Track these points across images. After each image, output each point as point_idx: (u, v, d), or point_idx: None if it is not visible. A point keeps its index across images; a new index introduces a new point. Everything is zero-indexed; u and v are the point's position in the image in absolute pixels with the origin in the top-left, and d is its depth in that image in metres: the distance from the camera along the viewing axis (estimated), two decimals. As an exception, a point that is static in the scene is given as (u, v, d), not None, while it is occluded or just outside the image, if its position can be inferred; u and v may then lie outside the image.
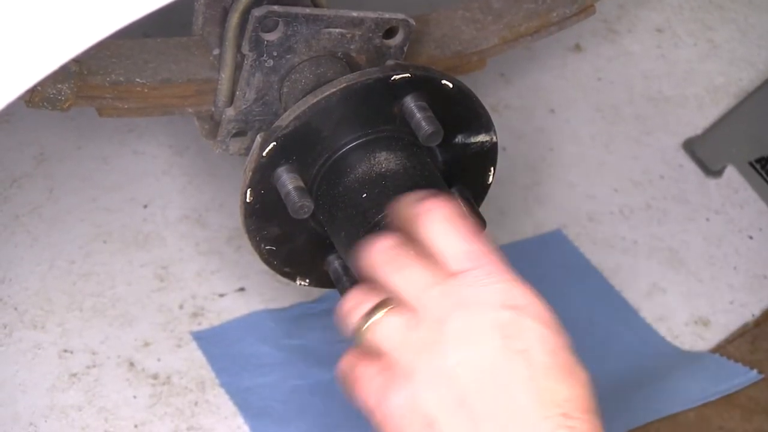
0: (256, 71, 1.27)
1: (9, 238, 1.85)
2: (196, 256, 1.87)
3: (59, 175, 1.92)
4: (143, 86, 1.31)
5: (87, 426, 1.68)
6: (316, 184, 1.23)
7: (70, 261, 1.84)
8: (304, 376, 1.76)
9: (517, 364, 0.92)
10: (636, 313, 1.85)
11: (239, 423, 1.71)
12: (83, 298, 1.80)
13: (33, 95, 1.25)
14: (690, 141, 2.10)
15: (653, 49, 2.24)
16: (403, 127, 1.23)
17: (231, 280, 1.84)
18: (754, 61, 2.22)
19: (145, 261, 1.85)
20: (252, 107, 1.30)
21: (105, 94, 1.30)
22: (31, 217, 1.88)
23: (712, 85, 2.19)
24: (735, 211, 2.02)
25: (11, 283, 1.81)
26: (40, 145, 1.95)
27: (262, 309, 1.82)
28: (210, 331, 1.79)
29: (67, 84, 1.25)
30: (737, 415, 1.72)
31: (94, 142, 1.96)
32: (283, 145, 1.21)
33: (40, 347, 1.75)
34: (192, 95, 1.34)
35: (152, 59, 1.33)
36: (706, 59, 2.23)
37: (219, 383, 1.74)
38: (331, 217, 1.22)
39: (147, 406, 1.71)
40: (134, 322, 1.79)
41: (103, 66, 1.30)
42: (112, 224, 1.88)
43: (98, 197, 1.91)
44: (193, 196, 1.93)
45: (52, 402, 1.70)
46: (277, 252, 1.28)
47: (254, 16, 1.23)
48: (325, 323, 1.82)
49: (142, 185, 1.93)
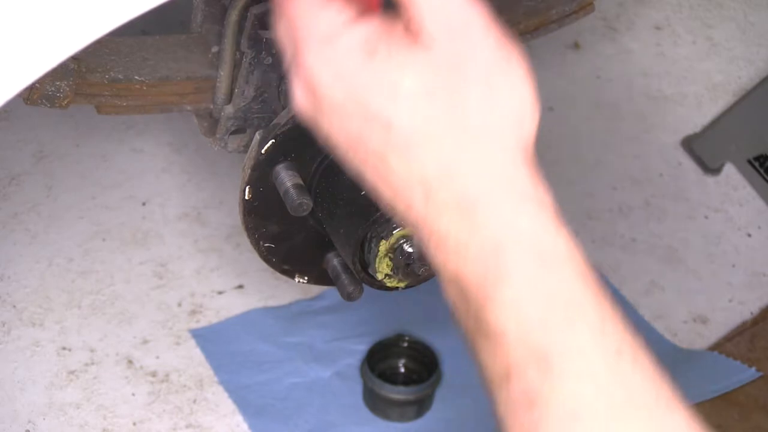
0: (254, 68, 1.27)
1: (8, 236, 1.85)
2: (195, 253, 1.87)
3: (58, 173, 1.92)
4: (142, 84, 1.31)
5: (85, 423, 1.68)
6: (314, 181, 1.23)
7: (68, 258, 1.84)
8: (303, 374, 1.76)
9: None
10: (635, 311, 1.85)
11: (238, 420, 1.71)
12: (82, 295, 1.80)
13: (32, 93, 1.25)
14: (689, 139, 2.10)
15: (652, 47, 2.24)
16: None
17: (230, 277, 1.85)
18: (753, 59, 2.22)
19: (143, 258, 1.85)
20: (251, 105, 1.30)
21: (104, 92, 1.30)
22: (30, 214, 1.88)
23: (711, 83, 2.19)
24: (734, 208, 2.02)
25: (10, 280, 1.81)
26: (38, 143, 1.95)
27: (260, 306, 1.82)
28: (209, 329, 1.80)
29: (65, 81, 1.25)
30: (735, 412, 1.72)
31: (93, 139, 1.96)
32: (282, 143, 1.21)
33: (39, 345, 1.75)
34: (191, 93, 1.33)
35: (151, 57, 1.33)
36: (705, 57, 2.23)
37: (218, 381, 1.74)
38: (329, 215, 1.22)
39: (146, 403, 1.71)
40: (133, 320, 1.79)
41: (101, 63, 1.30)
42: (110, 222, 1.88)
43: (97, 195, 1.91)
44: (192, 194, 1.93)
45: (50, 399, 1.70)
46: (276, 249, 1.28)
47: (253, 14, 1.22)
48: (324, 321, 1.83)
49: (141, 183, 1.93)
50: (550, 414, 0.80)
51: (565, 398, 0.80)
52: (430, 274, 1.20)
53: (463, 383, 1.77)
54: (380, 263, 1.18)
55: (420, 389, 1.72)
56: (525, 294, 0.82)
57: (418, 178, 0.84)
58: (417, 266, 1.17)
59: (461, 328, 0.86)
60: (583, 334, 0.81)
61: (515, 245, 0.82)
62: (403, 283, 1.21)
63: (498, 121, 0.85)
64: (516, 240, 0.82)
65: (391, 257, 1.17)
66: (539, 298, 0.82)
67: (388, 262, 1.18)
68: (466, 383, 1.77)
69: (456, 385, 1.77)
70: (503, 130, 0.85)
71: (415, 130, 0.83)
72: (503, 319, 0.82)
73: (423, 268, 1.17)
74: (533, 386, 0.81)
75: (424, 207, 0.84)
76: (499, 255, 0.82)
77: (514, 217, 0.83)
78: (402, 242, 1.17)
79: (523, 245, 0.82)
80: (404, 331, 1.79)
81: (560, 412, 0.80)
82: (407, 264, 1.17)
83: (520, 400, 0.81)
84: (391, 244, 1.17)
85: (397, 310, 1.82)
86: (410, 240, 1.17)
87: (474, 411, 1.75)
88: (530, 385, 0.81)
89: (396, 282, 1.20)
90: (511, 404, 0.82)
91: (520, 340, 0.81)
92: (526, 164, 0.85)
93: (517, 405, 0.82)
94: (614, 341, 0.82)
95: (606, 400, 0.81)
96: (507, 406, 0.82)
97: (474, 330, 0.84)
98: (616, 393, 0.81)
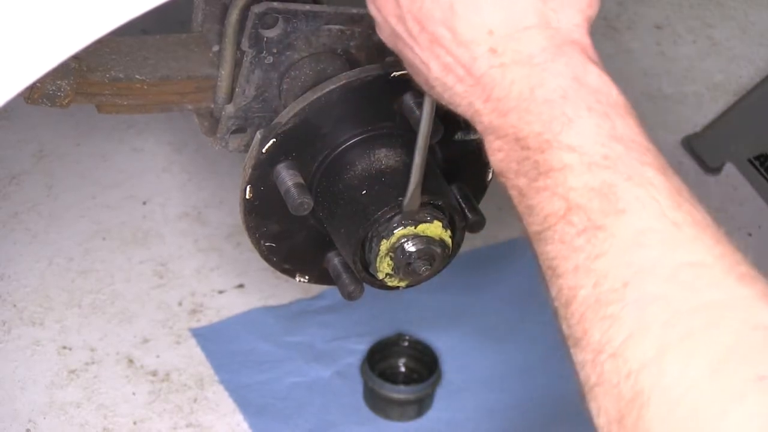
0: (255, 68, 1.27)
1: (8, 235, 1.85)
2: (196, 253, 1.87)
3: (58, 172, 1.92)
4: (143, 83, 1.31)
5: (86, 423, 1.68)
6: (315, 180, 1.23)
7: (69, 258, 1.84)
8: (304, 373, 1.76)
9: None
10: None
11: (238, 420, 1.71)
12: (82, 295, 1.81)
13: (32, 92, 1.25)
14: (689, 138, 2.10)
15: (652, 47, 2.23)
16: (402, 123, 1.22)
17: (230, 276, 1.85)
18: (753, 58, 2.22)
19: (144, 258, 1.85)
20: (251, 104, 1.30)
21: (104, 91, 1.30)
22: (30, 214, 1.88)
23: (712, 82, 2.19)
24: (734, 208, 2.02)
25: (10, 280, 1.81)
26: (39, 142, 1.95)
27: (261, 306, 1.82)
28: (209, 328, 1.80)
29: (66, 81, 1.25)
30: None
31: (94, 139, 1.96)
32: (283, 142, 1.21)
33: (39, 344, 1.75)
34: (191, 92, 1.33)
35: (151, 56, 1.33)
36: (706, 56, 2.23)
37: (218, 380, 1.74)
38: (330, 214, 1.22)
39: (146, 403, 1.71)
40: (133, 319, 1.79)
41: (102, 63, 1.30)
42: (111, 221, 1.88)
43: (97, 194, 1.91)
44: (192, 193, 1.93)
45: (50, 399, 1.70)
46: (277, 249, 1.28)
47: (254, 13, 1.22)
48: (324, 320, 1.83)
49: (142, 182, 1.93)
50: (616, 241, 0.81)
51: (632, 226, 0.81)
52: (431, 274, 1.20)
53: (463, 383, 1.77)
54: (381, 263, 1.18)
55: (420, 389, 1.72)
56: (590, 133, 0.84)
57: (487, 30, 0.87)
58: (418, 265, 1.17)
59: (510, 186, 0.88)
60: (648, 170, 0.82)
61: (583, 96, 0.85)
62: (404, 283, 1.21)
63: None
64: (584, 92, 0.85)
65: (392, 257, 1.17)
66: (604, 137, 0.84)
67: (389, 262, 1.18)
68: (466, 383, 1.77)
69: (456, 385, 1.77)
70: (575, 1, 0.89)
71: None
72: (568, 157, 0.84)
73: (424, 267, 1.17)
74: (597, 216, 0.82)
75: (487, 61, 0.87)
76: (566, 103, 0.85)
77: (583, 73, 0.86)
78: (403, 242, 1.17)
79: (591, 97, 0.85)
80: (404, 331, 1.79)
81: (626, 239, 0.81)
82: (408, 263, 1.17)
83: (581, 230, 0.82)
84: (392, 244, 1.17)
85: (397, 310, 1.82)
86: (411, 239, 1.17)
87: (474, 411, 1.75)
88: (594, 215, 0.82)
89: (397, 281, 1.20)
90: (568, 236, 0.82)
91: (584, 173, 0.83)
92: (590, 35, 0.89)
93: (576, 236, 0.82)
94: (676, 181, 0.83)
95: (672, 230, 0.81)
96: (563, 241, 0.83)
97: (530, 177, 0.85)
98: (682, 223, 0.81)
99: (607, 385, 0.79)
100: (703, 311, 0.77)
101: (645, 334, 0.77)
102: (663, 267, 0.79)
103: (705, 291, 0.79)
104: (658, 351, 0.77)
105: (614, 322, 0.79)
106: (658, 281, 0.79)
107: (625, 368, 0.78)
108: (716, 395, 0.75)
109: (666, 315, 0.77)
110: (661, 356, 0.76)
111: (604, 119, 0.85)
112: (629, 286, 0.79)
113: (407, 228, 1.16)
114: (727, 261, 0.81)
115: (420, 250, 1.17)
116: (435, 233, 1.17)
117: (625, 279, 0.79)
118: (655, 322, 0.77)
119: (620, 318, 0.79)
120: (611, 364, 0.78)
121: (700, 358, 0.76)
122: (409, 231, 1.16)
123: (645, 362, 0.77)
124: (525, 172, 0.86)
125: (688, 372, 0.75)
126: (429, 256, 1.17)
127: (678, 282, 0.79)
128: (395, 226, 1.16)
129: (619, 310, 0.79)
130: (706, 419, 0.74)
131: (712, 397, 0.75)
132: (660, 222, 0.81)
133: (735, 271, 0.80)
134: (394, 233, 1.16)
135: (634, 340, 0.78)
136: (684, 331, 0.77)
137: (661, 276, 0.79)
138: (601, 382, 0.79)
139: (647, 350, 0.77)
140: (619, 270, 0.80)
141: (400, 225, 1.16)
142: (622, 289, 0.79)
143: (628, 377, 0.77)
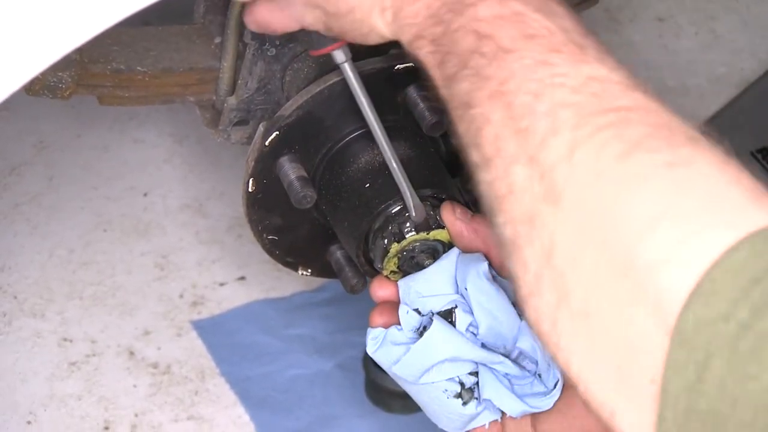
0: (258, 60, 1.27)
1: (9, 227, 1.85)
2: (197, 245, 1.86)
3: (59, 164, 1.92)
4: (144, 74, 1.30)
5: (87, 415, 1.68)
6: (318, 173, 1.22)
7: (69, 249, 1.83)
8: (305, 366, 1.76)
9: None
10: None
11: (240, 412, 1.70)
12: (83, 286, 1.80)
13: (33, 83, 1.24)
14: (691, 131, 2.09)
15: (655, 39, 2.23)
16: (406, 116, 1.22)
17: (231, 269, 1.84)
18: (756, 51, 2.22)
19: (145, 250, 1.85)
20: (254, 96, 1.30)
21: (106, 83, 1.30)
22: (31, 205, 1.87)
23: (714, 75, 2.19)
24: (736, 201, 2.02)
25: (11, 271, 1.81)
26: (40, 134, 1.94)
27: (262, 298, 1.82)
28: (210, 321, 1.79)
29: (67, 72, 1.25)
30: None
31: (95, 130, 1.96)
32: (286, 135, 1.20)
33: (40, 336, 1.75)
34: (193, 84, 1.33)
35: (153, 47, 1.32)
36: (708, 49, 2.23)
37: (219, 372, 1.74)
38: (333, 207, 1.22)
39: (147, 395, 1.71)
40: (134, 311, 1.78)
41: (104, 54, 1.29)
42: (112, 213, 1.88)
43: (98, 186, 1.91)
44: (193, 185, 1.92)
45: (51, 391, 1.69)
46: (280, 242, 1.28)
47: (256, 5, 1.22)
48: (326, 312, 1.82)
49: (143, 174, 1.93)
50: (525, 62, 0.84)
51: (539, 47, 0.85)
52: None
53: (465, 375, 1.77)
54: (388, 262, 1.18)
55: (422, 381, 1.72)
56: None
57: None
58: (421, 259, 1.17)
59: (436, 64, 0.92)
60: (557, 7, 0.87)
61: None
62: (407, 276, 1.21)
63: None
64: None
65: (399, 257, 1.17)
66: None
67: (395, 261, 1.18)
68: (468, 375, 1.77)
69: (458, 378, 1.77)
70: None
71: None
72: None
73: (428, 262, 1.17)
74: (506, 42, 0.86)
75: None
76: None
77: None
78: (414, 245, 1.17)
79: None
80: (406, 323, 1.79)
81: (534, 58, 0.84)
82: (412, 257, 1.17)
83: (491, 59, 0.85)
84: (403, 246, 1.17)
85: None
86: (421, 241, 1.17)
87: (476, 403, 1.75)
88: (503, 41, 0.86)
89: (400, 277, 1.20)
90: (481, 68, 0.86)
91: (495, 5, 0.87)
92: None
93: (487, 65, 0.85)
94: (582, 23, 0.87)
95: (578, 51, 0.84)
96: (477, 74, 0.86)
97: (448, 28, 0.89)
98: (588, 47, 0.85)
99: (518, 192, 0.81)
100: (612, 113, 0.80)
101: (556, 136, 0.80)
102: (571, 79, 0.82)
103: (613, 99, 0.81)
104: (569, 148, 0.79)
105: (528, 133, 0.81)
106: (567, 92, 0.82)
107: (538, 170, 0.80)
108: (624, 179, 0.76)
109: (576, 119, 0.80)
110: (572, 153, 0.79)
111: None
112: (539, 97, 0.82)
113: (420, 234, 1.16)
114: (633, 80, 0.83)
115: (424, 244, 1.17)
116: (445, 238, 1.17)
117: (535, 92, 0.82)
118: (565, 124, 0.80)
119: (533, 127, 0.81)
120: (526, 170, 0.81)
121: (610, 149, 0.77)
122: (421, 236, 1.17)
123: (557, 160, 0.79)
124: (444, 32, 0.90)
125: (597, 164, 0.77)
126: (432, 249, 1.17)
127: (586, 92, 0.81)
128: (408, 230, 1.16)
129: (532, 122, 0.81)
130: (615, 202, 0.76)
131: (620, 181, 0.76)
132: (566, 46, 0.84)
133: (640, 87, 0.82)
134: (407, 237, 1.16)
135: (547, 143, 0.80)
136: (594, 128, 0.79)
137: (570, 87, 0.82)
138: (513, 190, 0.81)
139: (559, 149, 0.79)
140: (530, 85, 0.83)
141: (413, 231, 1.16)
142: (533, 102, 0.82)
143: (542, 178, 0.79)
